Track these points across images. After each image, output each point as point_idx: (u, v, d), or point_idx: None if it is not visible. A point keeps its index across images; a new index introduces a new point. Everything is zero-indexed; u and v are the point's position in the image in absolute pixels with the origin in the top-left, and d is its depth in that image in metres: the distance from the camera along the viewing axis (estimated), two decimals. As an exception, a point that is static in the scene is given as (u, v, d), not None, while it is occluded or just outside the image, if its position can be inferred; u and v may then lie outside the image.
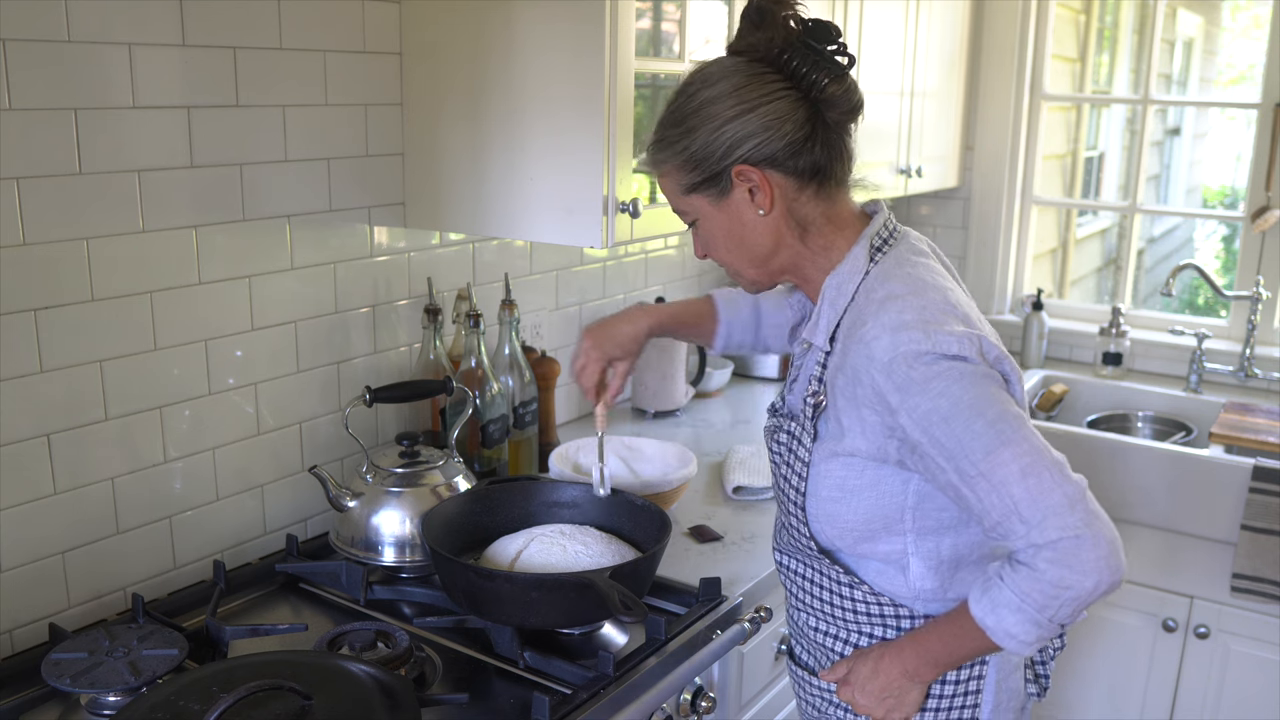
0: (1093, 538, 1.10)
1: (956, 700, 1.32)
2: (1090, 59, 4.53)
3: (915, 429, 1.15)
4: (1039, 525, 1.10)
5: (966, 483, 1.14)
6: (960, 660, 1.28)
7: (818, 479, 1.29)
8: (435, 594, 1.56)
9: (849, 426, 1.23)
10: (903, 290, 1.23)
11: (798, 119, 1.22)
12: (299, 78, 1.65)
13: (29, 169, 1.35)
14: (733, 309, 1.62)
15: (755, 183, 1.23)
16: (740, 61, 1.23)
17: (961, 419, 1.13)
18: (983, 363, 1.17)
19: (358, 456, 1.83)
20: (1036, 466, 1.12)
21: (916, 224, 3.35)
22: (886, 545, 1.29)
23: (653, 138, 1.29)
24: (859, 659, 1.34)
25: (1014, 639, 1.16)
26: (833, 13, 2.24)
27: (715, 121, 1.22)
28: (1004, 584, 1.16)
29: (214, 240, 1.58)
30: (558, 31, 1.64)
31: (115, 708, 1.29)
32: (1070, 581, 1.10)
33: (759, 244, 1.29)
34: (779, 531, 1.43)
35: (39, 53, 1.34)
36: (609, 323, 1.55)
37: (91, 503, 1.49)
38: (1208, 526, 2.43)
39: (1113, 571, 1.10)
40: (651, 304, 1.58)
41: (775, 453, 1.37)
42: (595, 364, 1.53)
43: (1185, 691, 2.54)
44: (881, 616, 1.33)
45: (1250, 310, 2.84)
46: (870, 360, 1.18)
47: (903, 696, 1.30)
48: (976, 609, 1.18)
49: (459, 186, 1.80)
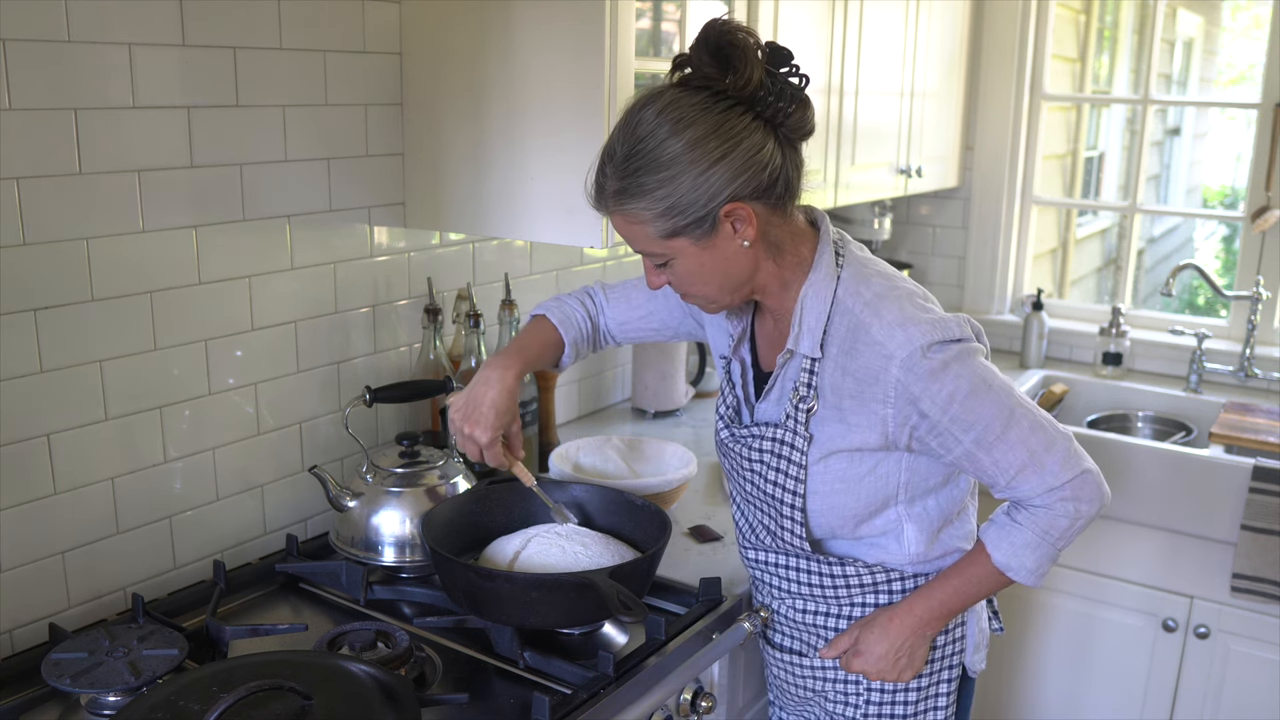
0: (1091, 473, 1.30)
1: (948, 648, 1.45)
2: (1090, 59, 4.53)
3: (936, 411, 1.25)
4: (1053, 471, 1.27)
5: (984, 449, 1.26)
6: (970, 605, 1.40)
7: (818, 477, 1.34)
8: (435, 594, 1.56)
9: (857, 424, 1.29)
10: (885, 288, 1.29)
11: (770, 149, 1.21)
12: (299, 78, 1.65)
13: (29, 169, 1.35)
14: (573, 327, 1.55)
15: (741, 217, 1.22)
16: (707, 98, 1.19)
17: (979, 394, 1.25)
18: (974, 338, 1.29)
19: (358, 456, 1.83)
20: (1039, 423, 1.27)
21: (916, 224, 3.35)
22: (882, 520, 1.37)
23: (615, 184, 1.23)
24: (863, 628, 1.41)
25: (1032, 573, 1.33)
26: (833, 13, 2.25)
27: (700, 166, 1.18)
28: (1023, 527, 1.31)
29: (214, 240, 1.58)
30: (558, 31, 1.64)
31: (115, 708, 1.28)
32: (1083, 511, 1.30)
33: (739, 272, 1.29)
34: (753, 533, 1.46)
35: (39, 53, 1.34)
36: (478, 396, 1.43)
37: (91, 503, 1.49)
38: (1208, 526, 2.43)
39: (1106, 496, 1.32)
40: (497, 356, 1.47)
41: (755, 460, 1.39)
42: (495, 442, 1.43)
43: (1185, 691, 2.54)
44: (874, 586, 1.41)
45: (1250, 310, 2.84)
46: (888, 359, 1.24)
47: (913, 654, 1.40)
48: (997, 554, 1.33)
49: (459, 186, 1.80)
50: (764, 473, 1.38)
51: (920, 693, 1.44)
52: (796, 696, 1.53)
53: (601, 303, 1.60)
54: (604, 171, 1.25)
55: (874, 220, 3.14)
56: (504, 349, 1.51)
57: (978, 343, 1.29)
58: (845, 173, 2.42)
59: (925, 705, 1.44)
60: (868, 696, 1.44)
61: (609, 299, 1.60)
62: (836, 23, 2.27)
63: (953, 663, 1.45)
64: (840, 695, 1.46)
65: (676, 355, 2.43)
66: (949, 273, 3.31)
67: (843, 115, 2.36)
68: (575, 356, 1.58)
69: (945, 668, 1.45)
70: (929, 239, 3.33)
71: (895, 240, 3.35)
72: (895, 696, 1.43)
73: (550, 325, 1.55)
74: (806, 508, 1.36)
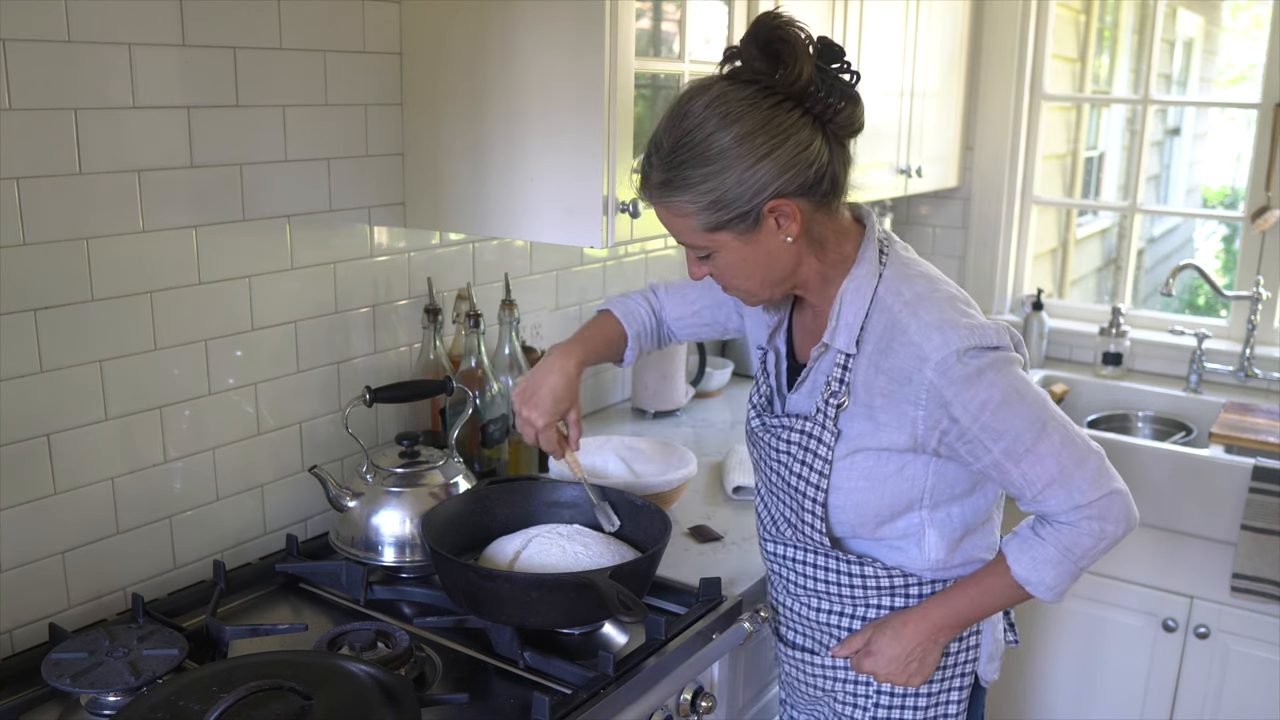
0: (1121, 494, 1.26)
1: (961, 656, 1.43)
2: (1090, 59, 4.53)
3: (967, 418, 1.23)
4: (1081, 489, 1.25)
5: (1013, 460, 1.25)
6: (986, 616, 1.39)
7: (842, 473, 1.34)
8: (435, 594, 1.56)
9: (886, 423, 1.29)
10: (927, 289, 1.29)
11: (817, 145, 1.21)
12: (299, 78, 1.65)
13: (29, 169, 1.35)
14: (636, 321, 1.59)
15: (786, 213, 1.22)
16: (756, 92, 1.19)
17: (1012, 404, 1.23)
18: (1011, 348, 1.27)
19: (358, 456, 1.83)
20: (1071, 438, 1.25)
21: (916, 224, 3.35)
22: (904, 523, 1.36)
23: (660, 175, 1.23)
24: (876, 630, 1.40)
25: (1051, 590, 1.31)
26: (833, 13, 2.25)
27: (746, 161, 1.18)
28: (1046, 542, 1.29)
29: (214, 240, 1.58)
30: (558, 31, 1.63)
31: (115, 708, 1.28)
32: (1109, 532, 1.26)
33: (782, 267, 1.29)
34: (775, 525, 1.45)
35: (39, 53, 1.34)
36: (538, 382, 1.48)
37: (91, 503, 1.49)
38: (1208, 526, 2.43)
39: (1134, 518, 1.28)
40: (561, 344, 1.52)
41: (783, 451, 1.38)
42: (550, 428, 1.47)
43: (1185, 691, 2.54)
44: (891, 589, 1.40)
45: (1250, 310, 2.84)
46: (923, 361, 1.24)
47: (924, 659, 1.38)
48: (1018, 567, 1.31)
49: (459, 186, 1.80)
50: (789, 464, 1.37)
51: (930, 699, 1.43)
52: (807, 695, 1.52)
53: (663, 299, 1.63)
54: (650, 162, 1.25)
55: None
56: (568, 339, 1.55)
57: (1015, 353, 1.27)
58: (845, 173, 2.42)
59: (935, 712, 1.43)
60: (877, 700, 1.43)
61: (667, 295, 1.63)
62: (836, 23, 2.27)
63: (965, 671, 1.44)
64: (849, 696, 1.45)
65: (676, 355, 2.43)
66: (949, 273, 3.26)
67: (843, 115, 2.36)
68: (639, 351, 1.61)
69: (957, 675, 1.43)
70: (929, 239, 3.33)
71: (895, 240, 3.34)
72: (905, 701, 1.42)
73: (614, 319, 1.59)
74: (828, 503, 1.35)
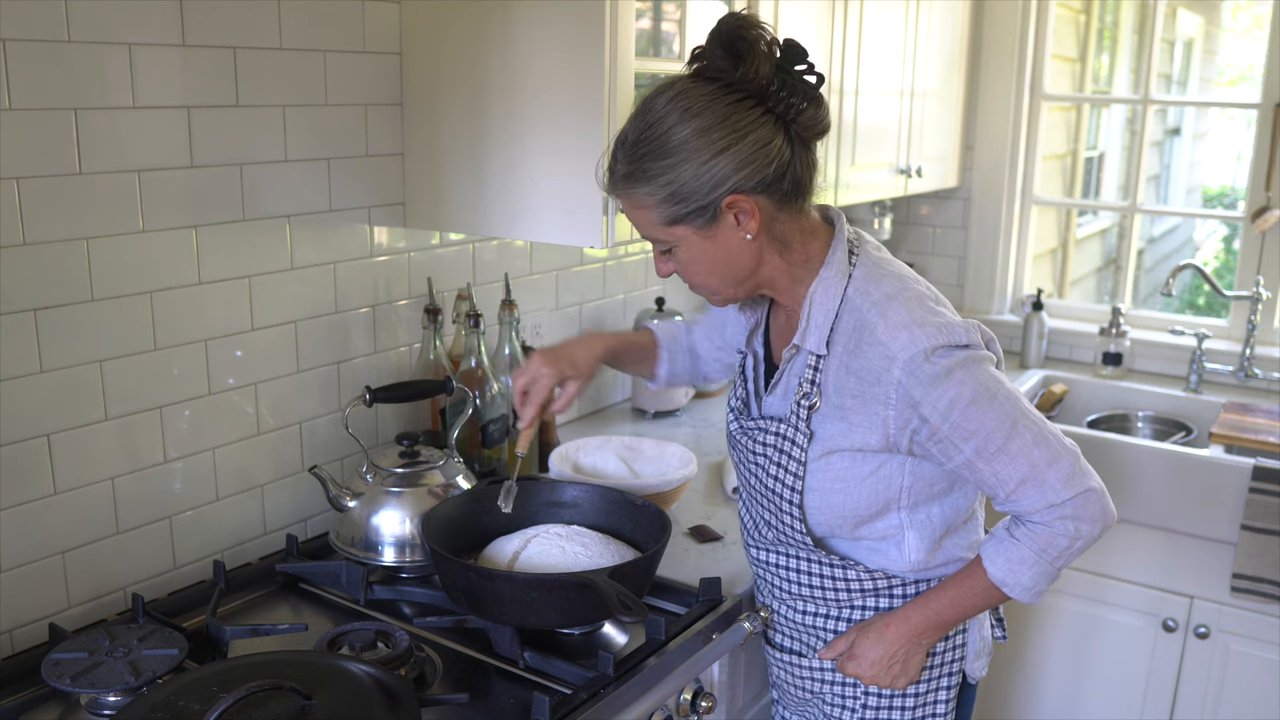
0: (1095, 492, 1.26)
1: (948, 655, 1.44)
2: (1090, 59, 4.53)
3: (937, 417, 1.23)
4: (1054, 488, 1.24)
5: (985, 459, 1.24)
6: (966, 618, 1.39)
7: (816, 474, 1.34)
8: (435, 594, 1.56)
9: (858, 423, 1.29)
10: (896, 288, 1.29)
11: (779, 143, 1.22)
12: (299, 78, 1.65)
13: (29, 169, 1.35)
14: (674, 342, 1.65)
15: (744, 209, 1.23)
16: (717, 89, 1.21)
17: (981, 403, 1.23)
18: (982, 346, 1.28)
19: (358, 456, 1.83)
20: (1043, 436, 1.25)
21: (916, 224, 3.35)
22: (883, 524, 1.36)
23: (623, 168, 1.25)
24: (860, 633, 1.40)
25: (1028, 590, 1.30)
26: (833, 13, 2.24)
27: (704, 155, 1.20)
28: (1021, 543, 1.28)
29: (214, 240, 1.58)
30: (558, 32, 1.63)
31: (115, 708, 1.28)
32: (1084, 532, 1.26)
33: (742, 265, 1.30)
34: (756, 529, 1.46)
35: (39, 53, 1.34)
36: (563, 345, 1.53)
37: (91, 503, 1.49)
38: (1208, 526, 2.43)
39: (1110, 517, 1.28)
40: (602, 331, 1.57)
41: (759, 454, 1.39)
42: (549, 379, 1.47)
43: (1185, 691, 2.54)
44: (875, 591, 1.40)
45: (1250, 310, 2.84)
46: (891, 360, 1.24)
47: (908, 661, 1.39)
48: (994, 569, 1.30)
49: (459, 186, 1.80)
50: (766, 466, 1.38)
51: (918, 699, 1.43)
52: (797, 698, 1.53)
53: (695, 331, 1.67)
54: (615, 156, 1.27)
55: (874, 220, 3.14)
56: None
57: (986, 350, 1.28)
58: (845, 173, 2.42)
59: (923, 712, 1.44)
60: (865, 701, 1.44)
61: (698, 328, 1.67)
62: (836, 22, 2.27)
63: (952, 669, 1.45)
64: (838, 699, 1.46)
65: (676, 355, 2.43)
66: (949, 273, 3.31)
67: (843, 115, 2.36)
68: (671, 368, 1.66)
69: (945, 674, 1.44)
70: (929, 239, 3.33)
71: (895, 240, 3.35)
72: (893, 702, 1.43)
73: (649, 332, 1.68)
74: (804, 504, 1.36)
